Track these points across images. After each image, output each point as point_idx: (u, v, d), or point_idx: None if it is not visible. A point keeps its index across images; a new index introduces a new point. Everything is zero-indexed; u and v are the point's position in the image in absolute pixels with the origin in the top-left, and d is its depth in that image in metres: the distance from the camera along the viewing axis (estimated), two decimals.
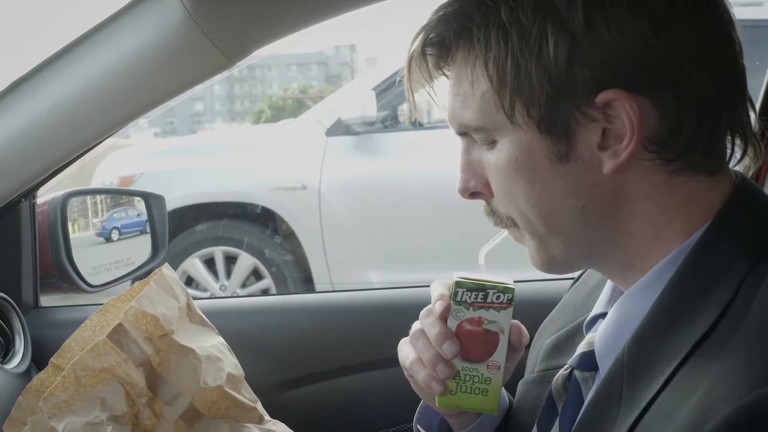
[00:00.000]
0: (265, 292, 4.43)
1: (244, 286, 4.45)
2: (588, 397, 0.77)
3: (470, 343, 0.82)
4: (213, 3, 1.00)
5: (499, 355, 0.83)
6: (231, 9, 1.01)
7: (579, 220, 0.73)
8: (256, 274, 4.46)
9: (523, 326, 0.88)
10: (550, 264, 0.78)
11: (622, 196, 0.72)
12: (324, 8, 1.05)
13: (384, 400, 1.28)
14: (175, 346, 0.92)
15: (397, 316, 1.34)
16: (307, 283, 4.40)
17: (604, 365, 0.75)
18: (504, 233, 0.86)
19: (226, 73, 1.10)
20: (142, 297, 0.92)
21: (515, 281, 0.86)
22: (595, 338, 0.78)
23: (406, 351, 0.88)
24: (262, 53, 1.13)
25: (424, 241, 4.24)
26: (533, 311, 0.99)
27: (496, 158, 0.74)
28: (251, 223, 4.41)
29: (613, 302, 0.78)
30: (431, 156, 4.29)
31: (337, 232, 4.27)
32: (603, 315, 0.80)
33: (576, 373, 0.80)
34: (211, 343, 0.97)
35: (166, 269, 0.99)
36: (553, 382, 0.83)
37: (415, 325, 0.88)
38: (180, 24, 1.01)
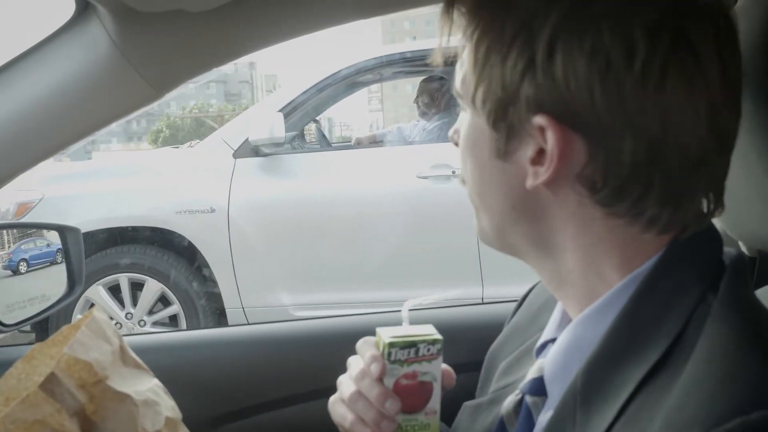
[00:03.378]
0: (173, 318, 4.32)
1: (151, 313, 4.32)
2: (540, 424, 0.78)
3: (408, 397, 0.86)
4: (140, 35, 0.97)
5: (435, 401, 0.87)
6: (159, 41, 0.99)
7: (509, 214, 0.76)
8: (164, 301, 4.34)
9: (452, 369, 0.91)
10: (482, 235, 0.82)
11: (548, 215, 0.74)
12: (254, 40, 1.04)
13: (320, 430, 1.26)
14: (110, 392, 0.88)
15: (329, 347, 1.34)
16: (217, 308, 4.31)
17: (554, 391, 0.77)
18: (432, 297, 0.89)
19: (154, 105, 1.07)
20: (75, 343, 0.87)
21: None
22: (545, 364, 0.79)
23: (342, 412, 0.89)
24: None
25: (334, 260, 4.23)
26: (483, 333, 1.00)
27: (463, 124, 0.79)
28: (158, 248, 4.29)
29: (563, 327, 0.79)
30: (339, 176, 4.30)
31: (247, 254, 4.22)
32: (553, 340, 0.80)
33: (527, 398, 0.80)
34: (147, 387, 0.93)
35: (96, 311, 0.94)
36: (503, 407, 0.84)
37: (347, 387, 0.89)
38: (106, 55, 0.98)
